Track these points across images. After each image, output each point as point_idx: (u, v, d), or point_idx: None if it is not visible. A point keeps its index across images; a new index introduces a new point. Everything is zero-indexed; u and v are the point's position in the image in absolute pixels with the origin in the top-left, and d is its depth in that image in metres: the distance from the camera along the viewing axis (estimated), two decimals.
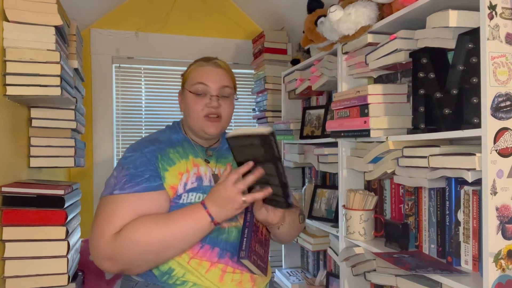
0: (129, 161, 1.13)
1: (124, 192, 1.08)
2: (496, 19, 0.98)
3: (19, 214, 1.31)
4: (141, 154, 1.14)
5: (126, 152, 1.18)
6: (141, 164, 1.12)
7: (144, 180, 1.09)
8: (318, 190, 1.98)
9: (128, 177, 1.10)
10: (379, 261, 1.34)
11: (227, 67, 1.26)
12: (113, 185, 1.10)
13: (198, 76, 1.21)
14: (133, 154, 1.14)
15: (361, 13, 1.39)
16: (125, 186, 1.08)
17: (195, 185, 1.15)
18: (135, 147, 1.18)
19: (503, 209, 1.00)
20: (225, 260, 1.12)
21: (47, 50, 1.37)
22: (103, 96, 2.56)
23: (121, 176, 1.11)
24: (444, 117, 1.14)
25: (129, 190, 1.08)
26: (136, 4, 2.61)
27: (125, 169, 1.12)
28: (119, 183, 1.09)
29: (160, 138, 1.21)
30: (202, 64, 1.23)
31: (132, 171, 1.11)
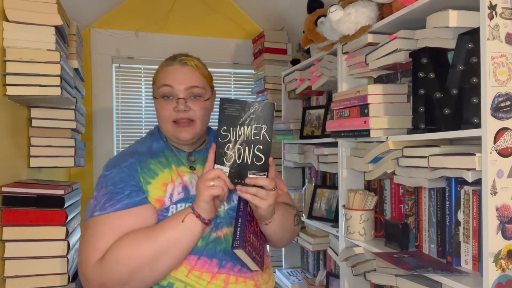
0: (107, 179, 1.06)
1: (105, 212, 1.01)
2: (496, 19, 0.98)
3: (19, 214, 1.31)
4: (119, 169, 1.06)
5: (104, 169, 1.10)
6: (120, 181, 1.05)
7: (125, 197, 1.02)
8: (318, 190, 1.98)
9: (108, 195, 1.03)
10: (379, 261, 1.34)
11: (197, 64, 1.14)
12: (93, 207, 1.03)
13: (163, 78, 1.11)
14: (111, 171, 1.07)
15: (361, 13, 1.39)
16: (105, 206, 1.01)
17: (182, 195, 1.07)
18: (113, 162, 1.10)
19: (503, 209, 1.00)
20: (226, 270, 1.06)
21: (47, 50, 1.37)
22: (103, 96, 2.56)
23: (100, 196, 1.04)
24: (444, 117, 1.14)
25: (110, 209, 1.01)
26: (136, 4, 2.61)
27: (104, 187, 1.05)
28: (99, 203, 1.03)
29: (140, 149, 1.13)
30: (168, 63, 1.13)
31: (111, 188, 1.04)
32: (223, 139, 1.00)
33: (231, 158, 1.00)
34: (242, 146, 1.00)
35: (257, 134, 1.00)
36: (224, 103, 1.01)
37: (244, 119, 1.00)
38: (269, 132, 1.00)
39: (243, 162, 1.00)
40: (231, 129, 1.00)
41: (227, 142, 1.00)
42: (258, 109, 1.00)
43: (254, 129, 1.00)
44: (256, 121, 1.00)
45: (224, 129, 1.00)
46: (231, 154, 1.00)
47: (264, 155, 1.00)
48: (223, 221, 1.09)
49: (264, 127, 1.00)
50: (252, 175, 1.00)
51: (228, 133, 1.00)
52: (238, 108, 1.00)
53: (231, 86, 2.87)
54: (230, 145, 1.00)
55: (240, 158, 1.00)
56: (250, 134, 1.00)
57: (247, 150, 1.00)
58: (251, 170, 1.00)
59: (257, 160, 1.00)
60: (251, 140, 1.00)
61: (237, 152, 1.00)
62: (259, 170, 1.00)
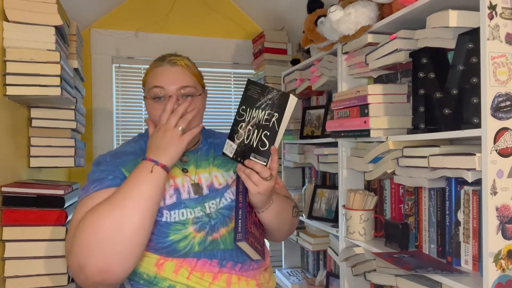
0: (95, 171, 1.07)
1: (87, 194, 1.01)
2: (496, 19, 0.98)
3: (19, 214, 1.31)
4: (105, 163, 1.08)
5: (93, 164, 1.11)
6: (106, 170, 1.05)
7: (108, 180, 1.02)
8: (318, 190, 1.98)
9: (92, 182, 1.03)
10: (379, 261, 1.34)
11: (187, 63, 1.12)
12: (81, 193, 1.04)
13: (153, 79, 1.09)
14: (96, 169, 1.07)
15: (361, 13, 1.39)
16: (89, 190, 1.01)
17: (174, 199, 1.06)
18: (100, 159, 1.10)
19: (503, 209, 1.00)
20: (227, 270, 1.04)
21: (47, 50, 1.37)
22: (103, 96, 2.56)
23: (87, 185, 1.04)
24: (444, 117, 1.14)
25: (91, 191, 1.01)
26: (136, 4, 2.61)
27: (91, 177, 1.05)
28: (87, 188, 1.03)
29: (128, 149, 1.12)
30: (158, 64, 1.12)
31: (96, 175, 1.04)
32: (239, 117, 1.04)
33: (241, 137, 1.03)
34: (253, 128, 1.01)
35: (268, 120, 1.00)
36: (249, 84, 1.03)
37: (261, 103, 1.01)
38: (279, 121, 0.99)
39: (249, 143, 1.01)
40: (248, 109, 1.02)
41: (242, 121, 1.03)
42: (275, 97, 0.99)
43: (266, 115, 1.00)
44: (270, 108, 1.00)
45: (242, 109, 1.03)
46: (242, 133, 1.03)
47: (269, 142, 0.99)
48: (217, 222, 1.07)
49: (276, 115, 0.99)
50: (253, 158, 1.00)
51: (245, 112, 1.03)
52: (259, 91, 1.02)
53: (231, 86, 2.87)
54: (243, 124, 1.03)
55: (248, 139, 1.02)
56: (262, 118, 1.00)
57: (256, 133, 1.01)
58: (254, 153, 1.00)
59: (262, 145, 1.00)
60: (261, 125, 1.00)
61: (247, 132, 1.02)
62: (261, 156, 1.00)
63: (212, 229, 1.05)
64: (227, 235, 1.07)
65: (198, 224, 1.04)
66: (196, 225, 1.04)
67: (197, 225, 1.04)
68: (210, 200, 1.09)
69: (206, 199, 1.09)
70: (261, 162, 0.99)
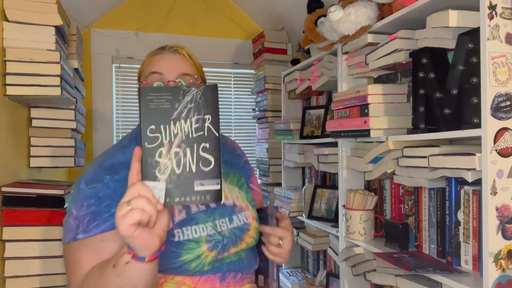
0: (88, 195, 0.90)
1: (90, 235, 0.86)
2: (496, 19, 0.98)
3: (19, 214, 1.31)
4: (103, 185, 0.90)
5: (80, 182, 0.93)
6: (105, 197, 0.89)
7: (111, 216, 0.87)
8: (318, 190, 1.98)
9: (91, 215, 0.88)
10: (379, 261, 1.34)
11: (189, 53, 1.03)
12: (75, 228, 0.88)
13: (151, 66, 0.98)
14: (92, 186, 0.90)
15: (361, 13, 1.39)
16: (89, 227, 0.87)
17: (184, 214, 0.95)
18: (93, 176, 0.92)
19: (503, 209, 1.00)
20: (226, 283, 0.98)
21: (47, 50, 1.37)
22: (103, 96, 2.56)
23: (82, 216, 0.88)
24: (444, 117, 1.14)
25: (95, 230, 0.87)
26: (136, 4, 2.61)
27: (85, 206, 0.89)
28: (81, 224, 0.88)
29: (124, 160, 0.93)
30: (157, 52, 1.01)
31: (94, 208, 0.88)
32: (151, 143, 0.74)
33: (167, 168, 0.73)
34: (182, 149, 0.74)
35: (200, 129, 0.75)
36: (146, 93, 0.74)
37: (179, 111, 0.75)
38: (215, 123, 0.76)
39: (185, 170, 0.74)
40: (162, 127, 0.74)
41: (158, 146, 0.73)
42: (197, 96, 0.76)
43: (195, 123, 0.75)
44: (196, 112, 0.75)
45: (151, 129, 0.74)
46: (165, 162, 0.73)
47: (213, 156, 0.75)
48: (229, 242, 0.98)
49: (208, 118, 0.75)
50: (200, 187, 0.74)
51: (159, 133, 0.74)
52: (169, 97, 0.75)
53: (231, 86, 2.87)
54: (163, 149, 0.74)
55: (180, 166, 0.74)
56: (190, 130, 0.75)
57: (189, 153, 0.74)
58: (198, 180, 0.74)
59: (205, 164, 0.75)
60: (193, 138, 0.75)
61: (174, 158, 0.74)
62: (209, 178, 0.74)
63: (223, 248, 0.97)
64: (235, 253, 1.00)
65: (211, 242, 0.95)
66: (210, 244, 0.95)
67: (210, 244, 0.95)
68: (220, 217, 1.00)
69: (215, 214, 0.99)
70: (213, 186, 0.74)
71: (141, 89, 0.74)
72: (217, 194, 0.75)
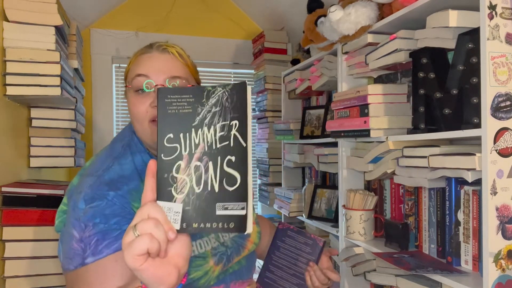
0: (92, 215, 0.79)
1: (102, 256, 0.76)
2: (496, 19, 0.98)
3: (19, 214, 1.31)
4: (107, 202, 0.80)
5: (77, 201, 0.81)
6: (113, 215, 0.79)
7: (123, 233, 0.72)
8: (318, 190, 1.98)
9: (100, 234, 0.78)
10: (379, 261, 1.34)
11: (180, 52, 0.91)
12: (81, 252, 0.78)
13: (137, 67, 0.88)
14: (96, 204, 0.80)
15: (361, 13, 1.39)
16: (99, 248, 0.77)
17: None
18: (94, 193, 0.81)
19: (503, 209, 1.00)
20: None
21: (47, 50, 1.37)
22: (103, 96, 2.56)
23: (88, 237, 0.78)
24: (444, 117, 1.14)
25: (106, 251, 0.76)
26: (136, 4, 2.61)
27: (91, 226, 0.79)
28: (89, 246, 0.77)
29: (124, 172, 0.85)
30: (144, 51, 0.90)
31: (102, 226, 0.78)
32: (168, 155, 0.61)
33: (185, 186, 0.60)
34: (203, 162, 0.61)
35: (225, 138, 0.61)
36: (165, 95, 0.62)
37: (202, 116, 0.62)
38: (243, 131, 0.61)
39: (206, 189, 0.60)
40: (182, 136, 0.62)
41: (176, 159, 0.61)
42: (224, 96, 0.62)
43: (220, 130, 0.61)
44: (222, 117, 0.61)
45: (169, 139, 0.62)
46: (184, 179, 0.60)
47: (240, 172, 0.60)
48: (232, 252, 0.94)
49: (235, 124, 0.61)
50: (223, 211, 0.59)
51: (177, 143, 0.61)
52: (191, 99, 0.62)
53: None
54: (181, 163, 0.61)
55: (200, 183, 0.60)
56: (214, 139, 0.61)
57: (211, 168, 0.61)
58: (220, 202, 0.60)
59: (229, 182, 0.60)
60: (217, 150, 0.61)
61: (194, 174, 0.60)
62: (234, 201, 0.59)
63: (228, 259, 0.93)
64: (237, 262, 0.97)
65: (217, 256, 0.90)
66: (215, 257, 0.89)
67: (216, 257, 0.89)
68: None
69: None
70: (237, 212, 0.59)
71: (159, 90, 0.62)
72: (242, 222, 0.58)
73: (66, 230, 0.82)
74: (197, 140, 0.61)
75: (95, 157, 0.92)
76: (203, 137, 0.61)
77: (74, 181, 0.88)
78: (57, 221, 0.88)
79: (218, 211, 0.59)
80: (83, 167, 0.91)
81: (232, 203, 0.59)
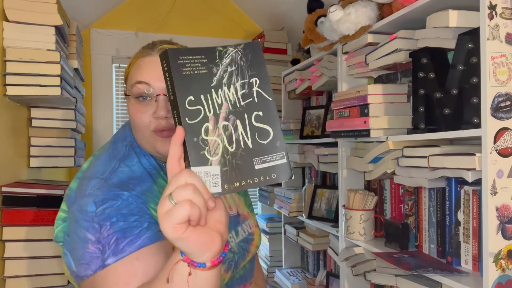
0: (108, 215, 0.74)
1: (124, 255, 0.71)
2: (496, 19, 0.98)
3: (19, 214, 1.31)
4: (122, 202, 0.76)
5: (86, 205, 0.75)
6: (131, 213, 0.75)
7: (145, 230, 0.73)
8: (318, 190, 1.98)
9: (119, 233, 0.72)
10: (379, 261, 1.34)
11: None
12: (99, 254, 0.72)
13: (137, 72, 0.83)
14: (111, 204, 0.75)
15: (361, 13, 1.39)
16: (120, 246, 0.71)
17: None
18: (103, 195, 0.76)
19: (503, 209, 1.00)
20: None
21: (47, 50, 1.38)
22: (103, 96, 2.56)
23: (106, 237, 0.72)
24: (444, 117, 1.14)
25: (129, 249, 0.71)
26: (136, 4, 2.62)
27: (109, 225, 0.73)
28: (108, 247, 0.72)
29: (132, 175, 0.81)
30: (145, 53, 0.85)
31: (121, 224, 0.73)
32: (192, 118, 0.58)
33: (218, 147, 0.58)
34: (230, 121, 0.60)
35: (248, 95, 0.61)
36: (177, 56, 0.59)
37: (219, 76, 0.61)
38: (265, 86, 0.62)
39: (240, 147, 0.59)
40: (203, 97, 0.59)
41: (203, 121, 0.58)
42: (237, 56, 0.62)
43: (240, 89, 0.61)
44: (240, 75, 0.61)
45: (190, 101, 0.58)
46: (215, 140, 0.58)
47: (271, 125, 0.61)
48: (239, 256, 0.91)
49: (255, 81, 0.62)
50: (262, 165, 0.59)
51: (200, 105, 0.59)
52: (203, 60, 0.60)
53: None
54: (209, 125, 0.59)
55: (232, 142, 0.59)
56: (236, 98, 0.61)
57: (240, 126, 0.60)
58: (258, 157, 0.60)
59: (262, 136, 0.60)
60: (242, 107, 0.61)
61: (224, 134, 0.59)
62: (271, 153, 0.60)
63: (235, 266, 0.90)
64: (242, 267, 0.95)
65: (226, 263, 0.86)
66: (225, 265, 0.86)
67: (225, 265, 0.86)
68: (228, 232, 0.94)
69: None
70: (278, 161, 0.60)
71: (168, 51, 0.58)
72: (286, 170, 0.60)
73: (75, 236, 0.76)
74: (219, 100, 0.60)
75: (94, 159, 0.87)
76: (224, 97, 0.60)
77: (73, 186, 0.83)
78: (56, 230, 0.82)
79: (257, 166, 0.59)
80: (81, 169, 0.87)
81: (269, 155, 0.60)
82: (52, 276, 1.33)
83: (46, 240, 1.32)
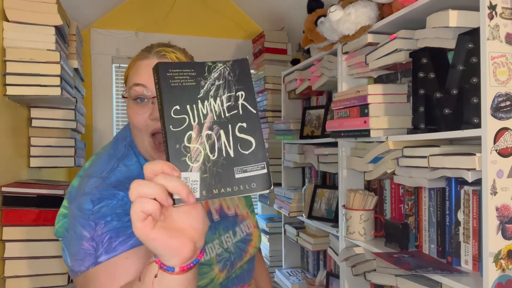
0: (103, 213, 0.77)
1: (117, 253, 0.74)
2: (496, 19, 0.98)
3: (19, 214, 1.31)
4: (118, 201, 0.78)
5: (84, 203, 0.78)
6: (125, 213, 0.77)
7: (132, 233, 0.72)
8: (318, 190, 1.98)
9: (113, 232, 0.75)
10: (379, 261, 1.34)
11: (180, 57, 0.87)
12: (93, 251, 0.75)
13: (135, 75, 0.85)
14: (106, 203, 0.78)
15: (361, 13, 1.39)
16: (113, 245, 0.74)
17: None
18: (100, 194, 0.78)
19: (503, 209, 1.00)
20: None
21: (47, 50, 1.38)
22: (103, 96, 2.56)
23: (100, 235, 0.75)
24: (444, 117, 1.14)
25: (121, 248, 0.74)
26: (136, 4, 2.61)
27: (103, 224, 0.76)
28: (101, 245, 0.75)
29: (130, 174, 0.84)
30: (143, 56, 0.87)
31: (115, 224, 0.76)
32: (177, 126, 0.61)
33: (199, 155, 0.60)
34: (214, 131, 0.62)
35: (233, 107, 0.63)
36: (166, 69, 0.62)
37: (206, 88, 0.64)
38: (250, 99, 0.64)
39: (221, 156, 0.61)
40: (188, 107, 0.62)
41: (187, 129, 0.61)
42: (225, 71, 0.66)
43: (226, 101, 0.63)
44: (227, 89, 0.64)
45: (176, 110, 0.61)
46: (197, 148, 0.60)
47: (254, 136, 0.63)
48: (236, 256, 0.93)
49: (241, 95, 0.64)
50: (242, 174, 0.61)
51: (185, 115, 0.61)
52: (193, 73, 0.64)
53: None
54: (192, 133, 0.61)
55: (214, 151, 0.61)
56: (221, 109, 0.63)
57: (223, 136, 0.62)
58: (238, 166, 0.61)
59: (244, 146, 0.62)
60: (226, 119, 0.63)
61: (207, 142, 0.61)
62: (252, 163, 0.62)
63: (231, 265, 0.92)
64: (239, 267, 0.96)
65: (221, 262, 0.89)
66: (220, 264, 0.88)
67: (220, 264, 0.88)
68: (224, 232, 0.93)
69: (219, 229, 0.92)
70: (258, 171, 0.61)
71: (158, 65, 0.62)
72: (266, 180, 0.61)
73: (72, 232, 0.79)
74: (205, 111, 0.62)
75: (96, 158, 0.90)
76: (210, 108, 0.63)
77: (74, 183, 0.86)
78: (57, 226, 0.85)
79: (238, 175, 0.61)
80: (83, 168, 0.89)
81: (250, 165, 0.61)
82: (52, 276, 1.33)
83: (46, 240, 1.32)
